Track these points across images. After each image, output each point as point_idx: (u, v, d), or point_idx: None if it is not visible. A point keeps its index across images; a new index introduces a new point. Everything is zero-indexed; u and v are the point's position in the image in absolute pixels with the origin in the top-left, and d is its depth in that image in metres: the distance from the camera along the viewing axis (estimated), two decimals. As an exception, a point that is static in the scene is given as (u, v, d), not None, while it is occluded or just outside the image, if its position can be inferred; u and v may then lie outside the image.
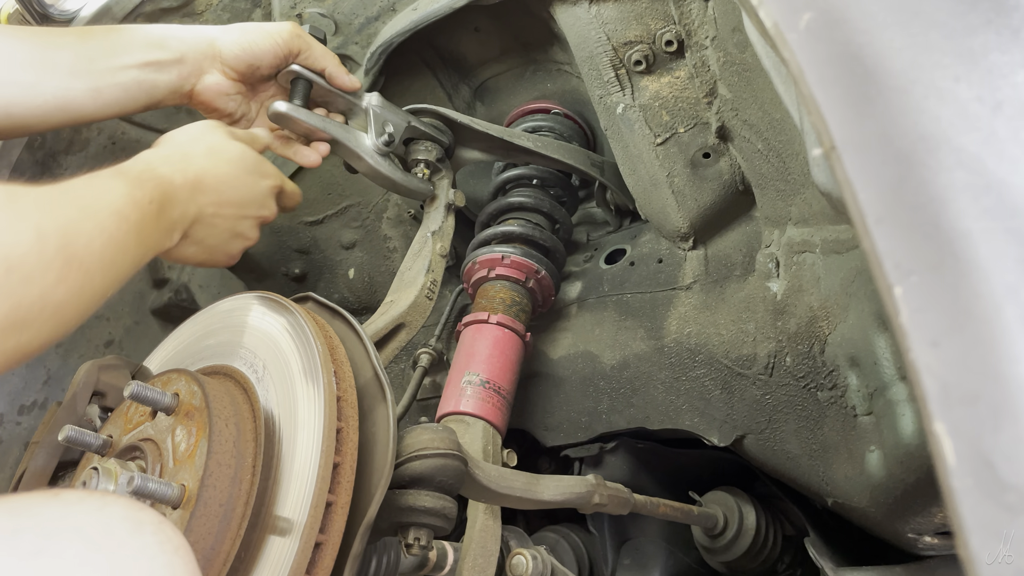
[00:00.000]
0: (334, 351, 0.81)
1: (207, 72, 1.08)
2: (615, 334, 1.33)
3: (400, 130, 1.22)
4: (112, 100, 1.00)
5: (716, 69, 1.14)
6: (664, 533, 1.39)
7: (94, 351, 1.43)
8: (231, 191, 0.94)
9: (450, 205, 1.28)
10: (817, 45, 0.47)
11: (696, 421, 1.22)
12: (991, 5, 0.46)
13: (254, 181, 0.98)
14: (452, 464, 0.79)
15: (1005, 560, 0.34)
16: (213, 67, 1.08)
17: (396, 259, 1.64)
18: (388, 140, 1.19)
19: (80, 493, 0.53)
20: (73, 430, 0.78)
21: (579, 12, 1.18)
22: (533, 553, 0.97)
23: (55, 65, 0.95)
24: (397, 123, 1.22)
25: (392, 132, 1.20)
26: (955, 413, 0.36)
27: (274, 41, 1.10)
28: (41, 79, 0.94)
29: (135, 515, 0.52)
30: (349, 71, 1.19)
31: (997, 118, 0.43)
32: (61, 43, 0.97)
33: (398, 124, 1.22)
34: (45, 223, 0.61)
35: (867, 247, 0.41)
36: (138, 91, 1.02)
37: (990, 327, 0.37)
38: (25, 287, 0.58)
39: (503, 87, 1.56)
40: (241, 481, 0.72)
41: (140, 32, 1.04)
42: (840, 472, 1.08)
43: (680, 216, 1.27)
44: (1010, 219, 0.40)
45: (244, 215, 0.97)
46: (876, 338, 0.97)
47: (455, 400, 1.17)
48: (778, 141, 1.05)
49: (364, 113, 1.20)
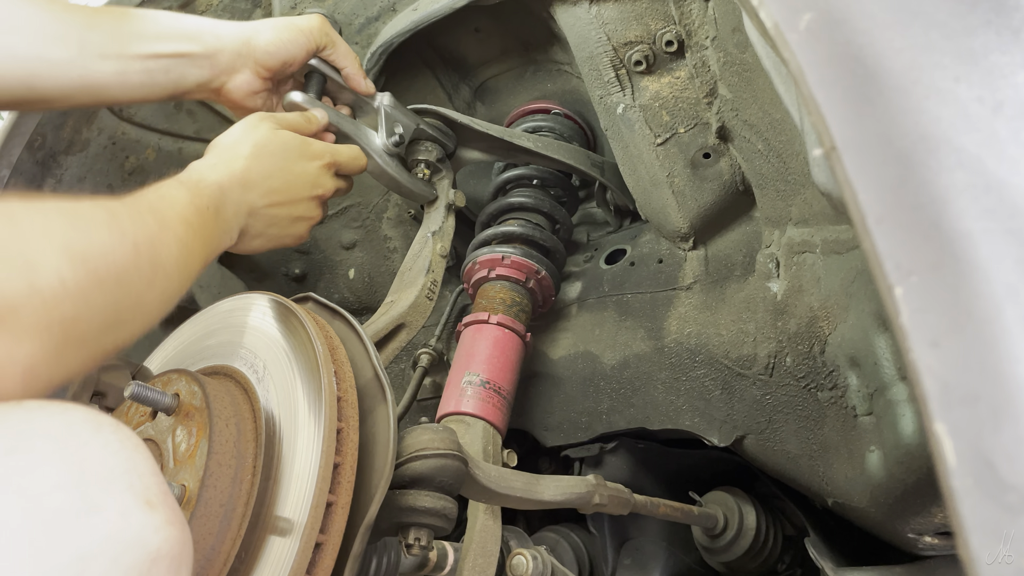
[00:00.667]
0: (334, 351, 0.81)
1: (239, 71, 1.08)
2: (615, 334, 1.33)
3: (409, 131, 1.22)
4: (138, 84, 1.01)
5: (716, 69, 1.14)
6: (664, 533, 1.39)
7: (94, 351, 1.43)
8: (278, 181, 0.97)
9: (450, 205, 1.28)
10: (817, 45, 0.47)
11: (696, 421, 1.22)
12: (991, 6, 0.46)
13: (301, 166, 1.01)
14: (452, 464, 0.79)
15: (1005, 560, 0.34)
16: (246, 66, 1.08)
17: (396, 259, 1.64)
18: (398, 141, 1.19)
19: (41, 401, 0.56)
20: (73, 430, 0.78)
21: (579, 12, 1.18)
22: (533, 553, 0.97)
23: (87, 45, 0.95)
24: (407, 124, 1.22)
25: (402, 133, 1.20)
26: (955, 413, 0.36)
27: (307, 39, 1.10)
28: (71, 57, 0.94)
29: (95, 418, 0.55)
30: None
31: (997, 118, 0.43)
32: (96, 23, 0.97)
33: (407, 125, 1.22)
34: (139, 237, 0.70)
35: (867, 247, 0.41)
36: (165, 80, 1.03)
37: (990, 327, 0.37)
38: (126, 294, 0.67)
39: (503, 87, 1.56)
40: (241, 481, 0.72)
41: (177, 21, 1.04)
42: (840, 472, 1.08)
43: (680, 216, 1.27)
44: (1010, 219, 0.40)
45: (297, 199, 1.01)
46: (876, 338, 0.97)
47: (455, 400, 1.17)
48: (778, 141, 1.05)
49: (375, 112, 1.20)
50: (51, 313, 0.58)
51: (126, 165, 1.45)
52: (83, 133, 1.38)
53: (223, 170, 0.92)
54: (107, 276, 0.64)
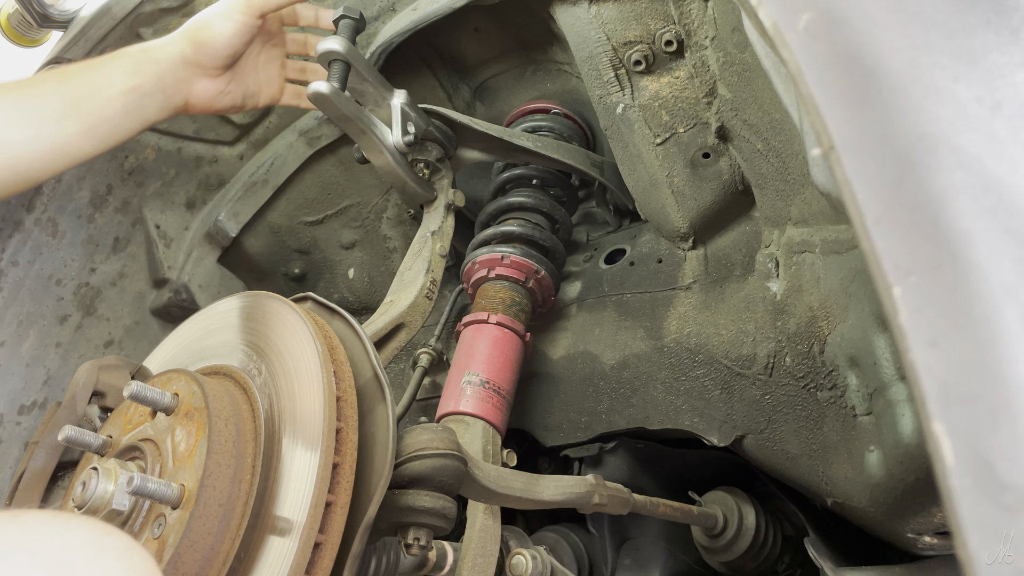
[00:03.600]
0: (334, 351, 0.81)
1: (192, 82, 1.08)
2: (615, 334, 1.33)
3: (420, 132, 1.22)
4: (105, 135, 1.01)
5: (716, 69, 1.14)
6: (664, 533, 1.39)
7: (94, 351, 1.43)
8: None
9: (450, 205, 1.28)
10: (816, 45, 0.47)
11: (696, 421, 1.22)
12: (990, 5, 0.46)
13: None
14: (452, 464, 0.79)
15: (1004, 560, 0.34)
16: (195, 76, 1.07)
17: (396, 259, 1.64)
18: (412, 140, 1.19)
19: (44, 515, 0.51)
20: (73, 430, 0.78)
21: (579, 12, 1.18)
22: (533, 553, 0.97)
23: (44, 115, 0.96)
24: (419, 124, 1.22)
25: (415, 132, 1.20)
26: (954, 413, 0.36)
27: (243, 15, 1.08)
28: (34, 132, 0.95)
29: (99, 540, 0.49)
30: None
31: (996, 118, 0.43)
32: (43, 91, 0.98)
33: (419, 125, 1.22)
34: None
35: (866, 247, 0.41)
36: (127, 120, 1.03)
37: (989, 327, 0.37)
38: None
39: (503, 87, 1.56)
40: (241, 481, 0.72)
41: (117, 61, 1.04)
42: (840, 472, 1.08)
43: (680, 216, 1.27)
44: (1009, 219, 0.40)
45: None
46: (876, 338, 0.97)
47: (455, 400, 1.17)
48: (778, 141, 1.05)
49: (389, 109, 1.20)
50: None
51: (126, 165, 1.45)
52: (82, 133, 1.38)
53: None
54: None
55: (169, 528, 0.68)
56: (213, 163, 1.54)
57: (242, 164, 1.56)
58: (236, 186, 1.55)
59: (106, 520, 0.70)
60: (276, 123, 1.53)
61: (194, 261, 1.53)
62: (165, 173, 1.50)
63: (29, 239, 1.33)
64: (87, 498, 0.69)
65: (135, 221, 1.49)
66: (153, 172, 1.48)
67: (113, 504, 0.70)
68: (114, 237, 1.46)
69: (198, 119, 1.48)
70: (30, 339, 1.34)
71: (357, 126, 1.15)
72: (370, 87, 1.18)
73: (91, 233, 1.42)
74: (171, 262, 1.52)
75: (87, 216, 1.41)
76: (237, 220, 1.55)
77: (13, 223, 1.31)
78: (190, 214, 1.55)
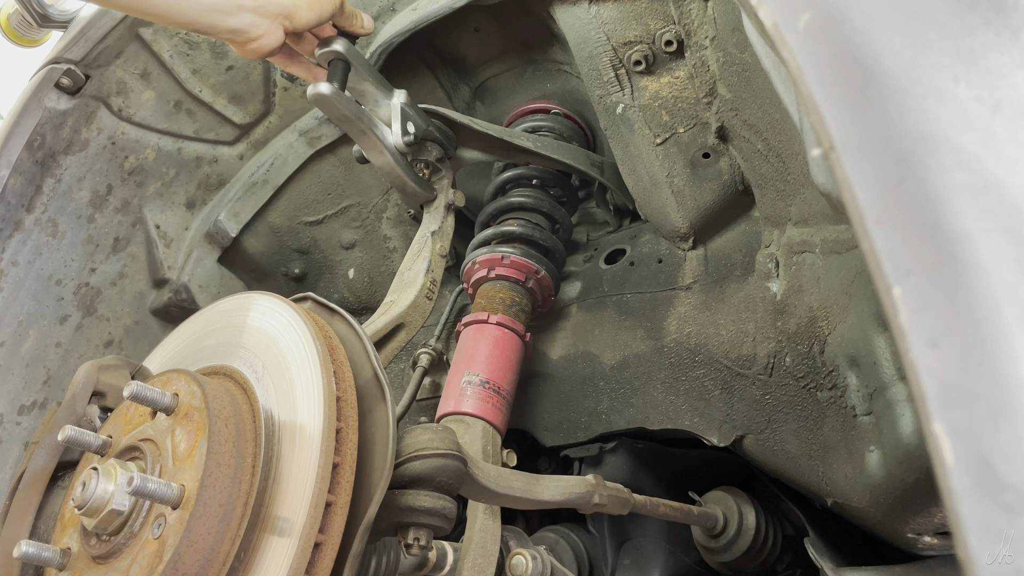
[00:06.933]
0: (334, 351, 0.81)
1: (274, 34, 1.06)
2: (615, 334, 1.33)
3: (420, 132, 1.22)
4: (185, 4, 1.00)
5: (716, 69, 1.14)
6: (664, 533, 1.39)
7: (94, 351, 1.43)
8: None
9: (450, 205, 1.28)
10: (816, 45, 0.47)
11: (696, 421, 1.22)
12: (990, 5, 0.46)
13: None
14: (452, 464, 0.79)
15: (1004, 560, 0.34)
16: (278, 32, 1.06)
17: (396, 259, 1.64)
18: (412, 140, 1.19)
19: None
20: (73, 430, 0.78)
21: (579, 12, 1.18)
22: (533, 553, 0.97)
23: None
24: (419, 124, 1.22)
25: (415, 132, 1.20)
26: (954, 413, 0.36)
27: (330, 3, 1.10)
28: None
29: None
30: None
31: (996, 118, 0.42)
32: None
33: (419, 125, 1.22)
34: None
35: (866, 247, 0.41)
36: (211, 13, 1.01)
37: (989, 327, 0.37)
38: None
39: (503, 87, 1.56)
40: (240, 481, 0.72)
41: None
42: (840, 472, 1.08)
43: (680, 216, 1.27)
44: (1009, 219, 0.40)
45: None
46: (876, 338, 0.97)
47: (455, 400, 1.17)
48: (778, 141, 1.05)
49: (389, 109, 1.20)
50: None
51: (125, 165, 1.45)
52: (82, 133, 1.38)
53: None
54: None
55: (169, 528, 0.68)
56: (213, 163, 1.54)
57: (242, 164, 1.56)
58: (236, 186, 1.55)
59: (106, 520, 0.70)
60: (276, 123, 1.53)
61: (194, 261, 1.54)
62: (165, 173, 1.50)
63: (29, 239, 1.33)
64: (87, 498, 0.69)
65: (135, 221, 1.49)
66: (153, 172, 1.48)
67: (113, 504, 0.70)
68: (114, 237, 1.46)
69: (198, 119, 1.48)
70: (30, 339, 1.34)
71: (357, 126, 1.15)
72: (370, 87, 1.18)
73: (91, 233, 1.42)
74: (171, 262, 1.52)
75: (87, 216, 1.41)
76: (237, 220, 1.55)
77: (13, 223, 1.31)
78: (190, 214, 1.56)
